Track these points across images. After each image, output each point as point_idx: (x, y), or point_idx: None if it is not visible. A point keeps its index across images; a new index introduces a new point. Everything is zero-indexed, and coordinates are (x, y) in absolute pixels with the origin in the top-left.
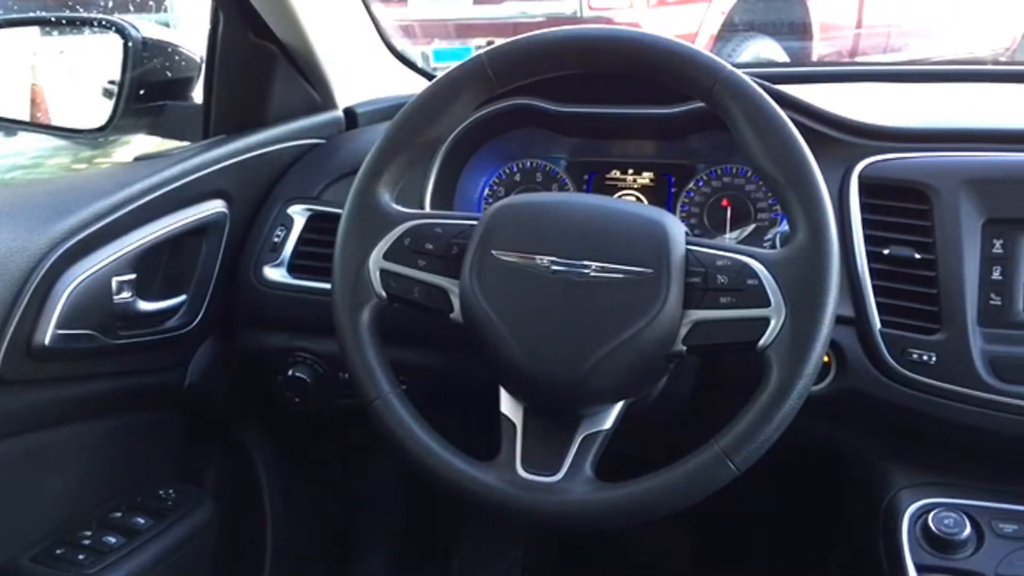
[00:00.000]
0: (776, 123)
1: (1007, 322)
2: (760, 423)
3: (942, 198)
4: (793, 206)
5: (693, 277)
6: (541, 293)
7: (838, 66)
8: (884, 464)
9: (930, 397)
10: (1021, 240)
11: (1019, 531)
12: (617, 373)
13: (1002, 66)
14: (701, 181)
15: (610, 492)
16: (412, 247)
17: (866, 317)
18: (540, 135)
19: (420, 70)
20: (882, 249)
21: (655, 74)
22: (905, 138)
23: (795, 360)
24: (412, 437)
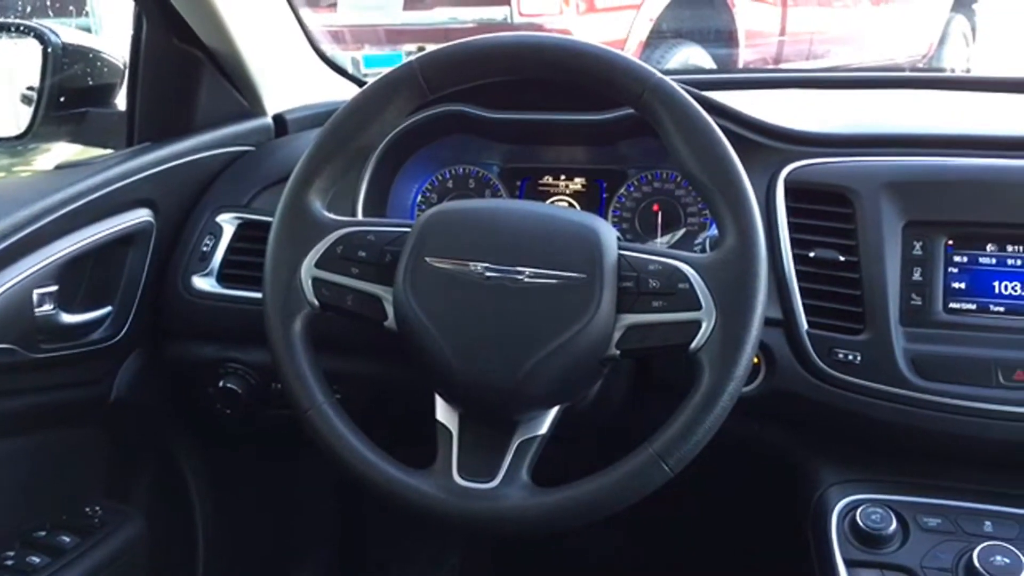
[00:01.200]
0: (704, 129)
1: (927, 321)
2: (693, 425)
3: (864, 201)
4: (722, 210)
5: (626, 282)
6: (475, 300)
7: (763, 73)
8: (813, 462)
9: (856, 396)
10: (939, 242)
11: (942, 525)
12: (552, 378)
13: (919, 73)
14: (632, 186)
15: (546, 497)
16: (344, 255)
17: (794, 318)
18: (473, 141)
19: (351, 76)
20: (808, 252)
21: (585, 81)
22: (828, 143)
23: (726, 362)
24: (346, 447)
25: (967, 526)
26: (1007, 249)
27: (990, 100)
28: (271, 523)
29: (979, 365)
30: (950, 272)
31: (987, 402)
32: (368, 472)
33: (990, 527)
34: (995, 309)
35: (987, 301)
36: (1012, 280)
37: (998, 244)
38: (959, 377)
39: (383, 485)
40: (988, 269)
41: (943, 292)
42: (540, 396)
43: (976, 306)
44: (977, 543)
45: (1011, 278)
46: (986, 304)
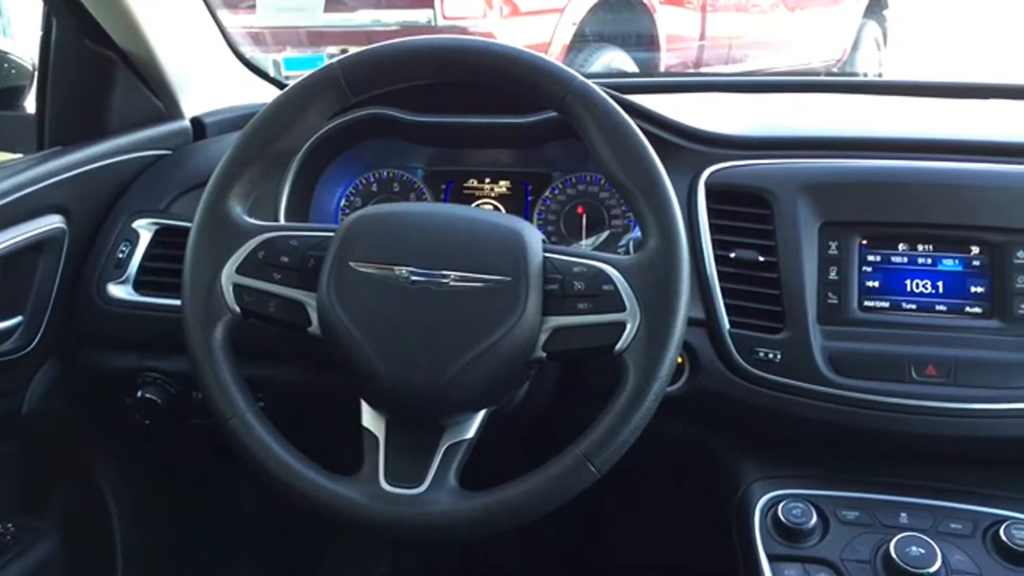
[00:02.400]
0: (626, 132)
1: (844, 319)
2: (619, 426)
3: (781, 203)
4: (644, 213)
5: (551, 284)
6: (400, 304)
7: (684, 77)
8: (737, 459)
9: (776, 393)
10: (854, 241)
11: (860, 518)
12: (479, 382)
13: (834, 77)
14: (557, 189)
15: (474, 501)
16: (267, 260)
17: (716, 318)
18: (397, 144)
19: (271, 79)
20: (729, 252)
21: (508, 84)
22: (747, 146)
23: (651, 362)
24: (270, 455)
25: (884, 518)
26: (918, 248)
27: (901, 103)
28: (194, 535)
29: (893, 361)
30: (864, 271)
31: (901, 397)
32: (292, 481)
33: (906, 519)
34: (907, 307)
35: (899, 299)
36: (922, 278)
37: (909, 243)
38: (874, 373)
39: (308, 493)
40: (900, 268)
41: (858, 291)
42: (467, 400)
43: (889, 304)
44: (894, 535)
45: (921, 276)
46: (898, 302)
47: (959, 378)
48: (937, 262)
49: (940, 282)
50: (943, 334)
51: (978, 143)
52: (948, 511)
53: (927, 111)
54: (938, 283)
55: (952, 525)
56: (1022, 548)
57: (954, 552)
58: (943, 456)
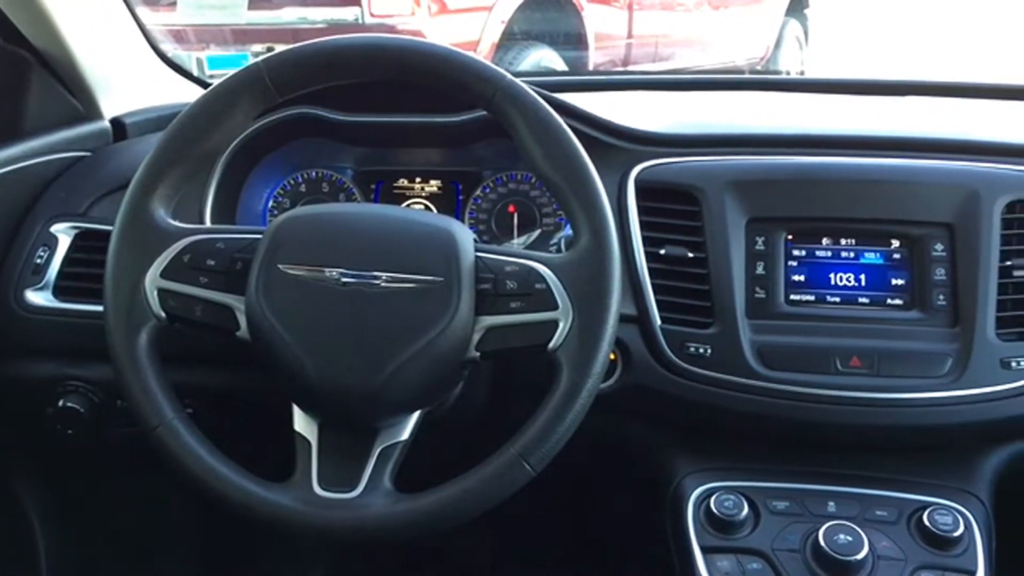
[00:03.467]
0: (555, 131)
1: (771, 313)
2: (553, 423)
3: (709, 199)
4: (575, 211)
5: (483, 283)
6: (331, 306)
7: (613, 75)
8: (670, 453)
9: (707, 387)
10: (780, 237)
11: (790, 507)
12: (412, 383)
13: (758, 75)
14: (488, 188)
15: (410, 503)
16: (192, 264)
17: (647, 315)
18: (325, 144)
19: (194, 78)
20: (659, 249)
21: (437, 83)
22: (675, 144)
23: (584, 360)
24: (199, 463)
25: (813, 507)
26: (841, 242)
27: (823, 101)
28: (124, 548)
29: (819, 353)
30: (790, 266)
31: (827, 388)
32: (223, 488)
33: (834, 507)
34: (831, 300)
35: (824, 292)
36: (846, 272)
37: (833, 238)
38: (801, 365)
39: (239, 500)
40: (824, 262)
41: (784, 285)
42: (401, 401)
43: (814, 297)
44: (822, 523)
45: (845, 270)
46: (823, 295)
47: (882, 368)
48: (860, 256)
49: (863, 275)
50: (866, 326)
51: (896, 139)
52: (874, 499)
53: (848, 108)
54: (861, 276)
55: (878, 512)
56: (944, 532)
57: (880, 538)
58: (869, 445)
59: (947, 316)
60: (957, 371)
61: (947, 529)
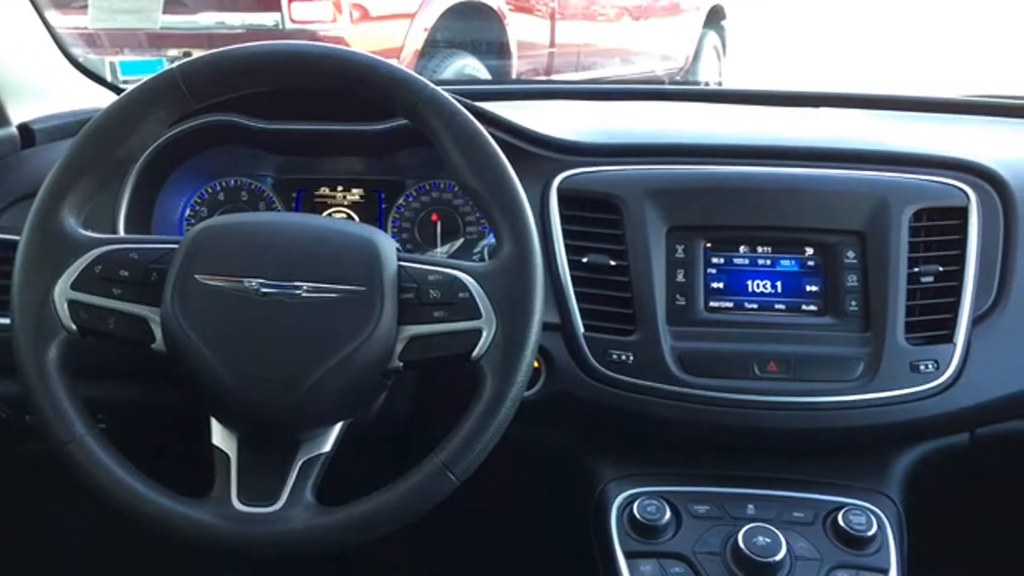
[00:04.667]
0: (478, 140)
1: (691, 320)
2: (477, 433)
3: (630, 208)
4: (498, 219)
5: (406, 293)
6: (251, 317)
7: (535, 84)
8: (594, 460)
9: (629, 394)
10: (699, 245)
11: (711, 511)
12: (335, 394)
13: (678, 86)
14: (411, 196)
15: (332, 516)
16: (104, 275)
17: (571, 322)
18: (244, 152)
19: (107, 83)
20: (582, 257)
21: (358, 92)
22: (597, 153)
23: (507, 368)
24: (112, 480)
25: (733, 510)
26: (757, 250)
27: (740, 111)
28: (38, 564)
29: (738, 359)
30: (709, 273)
31: (745, 393)
32: (138, 505)
33: (753, 510)
34: (749, 306)
35: (742, 299)
36: (763, 279)
37: (750, 246)
38: (721, 371)
39: (156, 517)
40: (742, 269)
41: (704, 292)
42: (322, 413)
43: (733, 304)
44: (742, 526)
45: (762, 277)
46: (741, 302)
47: (798, 373)
48: (776, 263)
49: (779, 282)
50: (783, 331)
51: (809, 149)
52: (792, 501)
53: (764, 119)
54: (777, 283)
55: (795, 514)
56: (858, 532)
57: (797, 540)
58: (786, 448)
59: (859, 321)
60: (869, 374)
61: (861, 529)
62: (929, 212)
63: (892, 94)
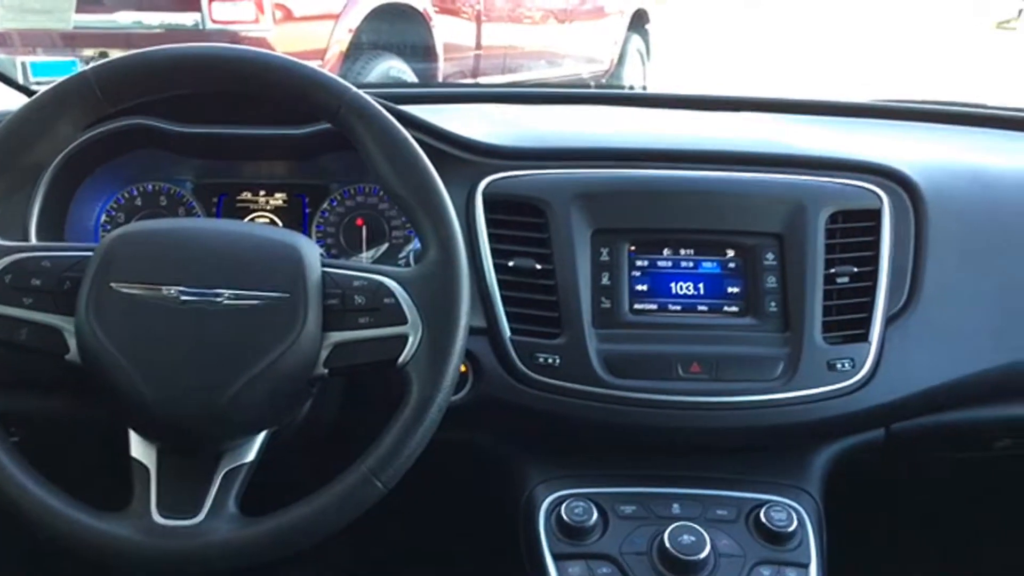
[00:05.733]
0: (402, 144)
1: (616, 322)
2: (404, 439)
3: (555, 212)
4: (423, 224)
5: (331, 299)
6: (170, 326)
7: (461, 87)
8: (522, 463)
9: (556, 397)
10: (623, 248)
11: (637, 511)
12: (257, 403)
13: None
14: (335, 201)
15: (256, 527)
16: (15, 284)
17: (497, 326)
18: (162, 156)
19: (18, 85)
20: (508, 261)
21: (280, 96)
22: (522, 157)
23: (433, 374)
24: (24, 495)
25: (658, 510)
26: (681, 253)
27: (664, 115)
28: None
29: (662, 360)
30: (633, 276)
31: (669, 394)
32: (52, 521)
33: (678, 509)
34: (673, 308)
35: (666, 301)
36: (686, 281)
37: (673, 248)
38: (645, 373)
39: (71, 533)
40: (665, 272)
41: (628, 295)
42: (245, 422)
43: (657, 306)
44: (667, 525)
45: (685, 279)
46: (665, 304)
47: (720, 373)
48: (698, 265)
49: (701, 284)
50: (705, 332)
51: (731, 153)
52: (715, 499)
53: (687, 123)
54: (699, 285)
55: (719, 512)
56: (779, 528)
57: (721, 537)
58: (710, 447)
59: (778, 322)
60: (788, 374)
61: (782, 525)
62: (844, 215)
63: (808, 99)
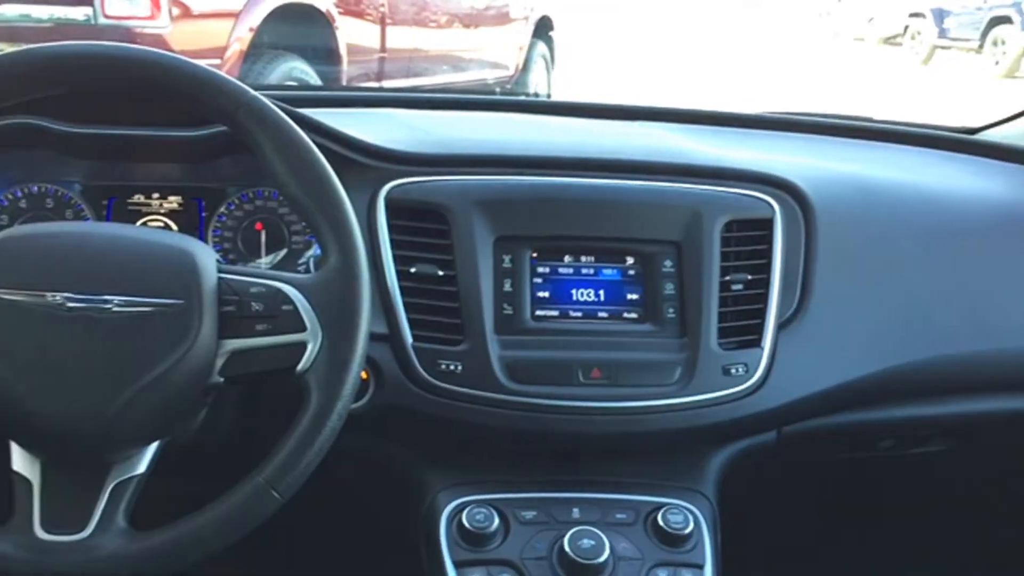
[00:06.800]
0: (301, 149)
1: (519, 329)
2: (302, 449)
3: (458, 218)
4: (323, 230)
5: (227, 306)
6: (55, 334)
7: (364, 91)
8: (424, 470)
9: (458, 403)
10: (525, 255)
11: (537, 516)
12: (149, 413)
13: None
14: (233, 205)
15: (146, 541)
16: None
17: (399, 333)
18: (49, 157)
19: None
20: (410, 268)
21: (174, 97)
22: (425, 162)
23: (333, 382)
24: None
25: (559, 515)
26: (582, 259)
27: (568, 123)
28: None
29: (563, 366)
30: (535, 282)
31: (570, 399)
32: None
33: (578, 513)
34: (574, 314)
35: (567, 307)
36: (587, 288)
37: (574, 255)
38: (547, 379)
39: None
40: (567, 279)
41: (530, 301)
42: (136, 433)
43: (559, 312)
44: (567, 529)
45: (586, 286)
46: (567, 310)
47: (620, 378)
48: (599, 272)
49: (602, 290)
50: (606, 339)
51: (632, 162)
52: (615, 503)
53: (590, 130)
54: (600, 291)
55: (618, 515)
56: (676, 530)
57: (620, 540)
58: (610, 452)
59: (676, 328)
60: (685, 379)
61: (679, 527)
62: (739, 223)
63: (704, 110)
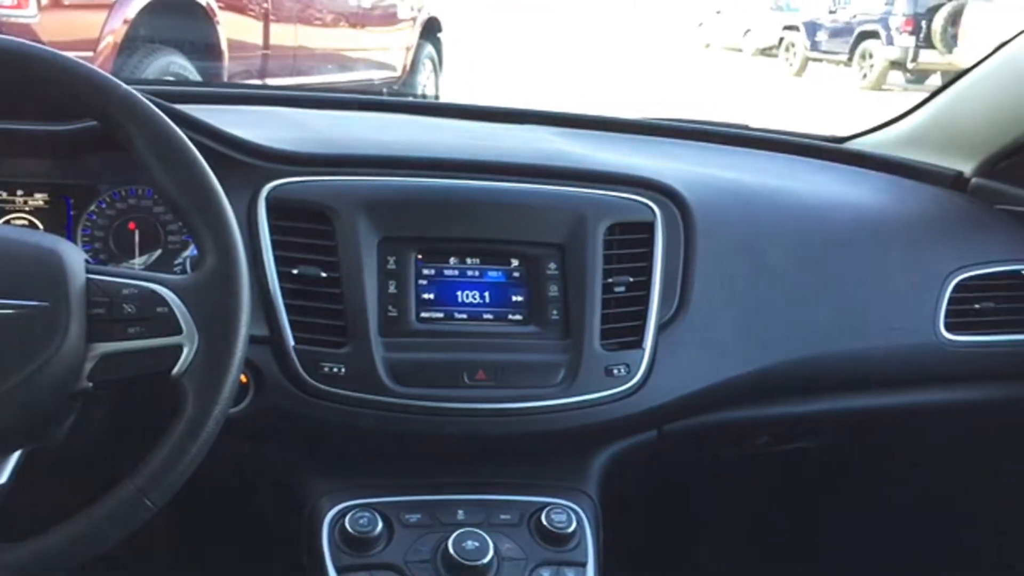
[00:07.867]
0: (176, 146)
1: (403, 331)
2: (177, 454)
3: (342, 219)
4: (200, 230)
5: (97, 308)
6: None
7: (246, 88)
8: (306, 475)
9: (342, 407)
10: (410, 256)
11: (422, 519)
12: (11, 420)
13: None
14: (104, 203)
15: (12, 554)
16: None
17: (280, 335)
18: None
19: None
20: (292, 269)
21: (41, 90)
22: (308, 162)
23: (210, 386)
24: None
25: (443, 517)
26: (467, 262)
27: (454, 125)
28: None
29: (448, 368)
30: (420, 284)
31: (455, 401)
32: None
33: (462, 515)
34: (459, 316)
35: (452, 309)
36: (472, 290)
37: (460, 257)
38: (432, 381)
39: None
40: (452, 280)
41: (415, 303)
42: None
43: (444, 314)
44: (452, 531)
45: (471, 288)
46: (452, 312)
47: (504, 380)
48: (484, 274)
49: (487, 292)
50: (491, 340)
51: (517, 165)
52: (499, 504)
53: (476, 133)
54: (485, 293)
55: (502, 516)
56: (559, 529)
57: (504, 541)
58: (494, 453)
59: (560, 329)
60: (568, 380)
61: (561, 526)
62: (621, 227)
63: (590, 114)
